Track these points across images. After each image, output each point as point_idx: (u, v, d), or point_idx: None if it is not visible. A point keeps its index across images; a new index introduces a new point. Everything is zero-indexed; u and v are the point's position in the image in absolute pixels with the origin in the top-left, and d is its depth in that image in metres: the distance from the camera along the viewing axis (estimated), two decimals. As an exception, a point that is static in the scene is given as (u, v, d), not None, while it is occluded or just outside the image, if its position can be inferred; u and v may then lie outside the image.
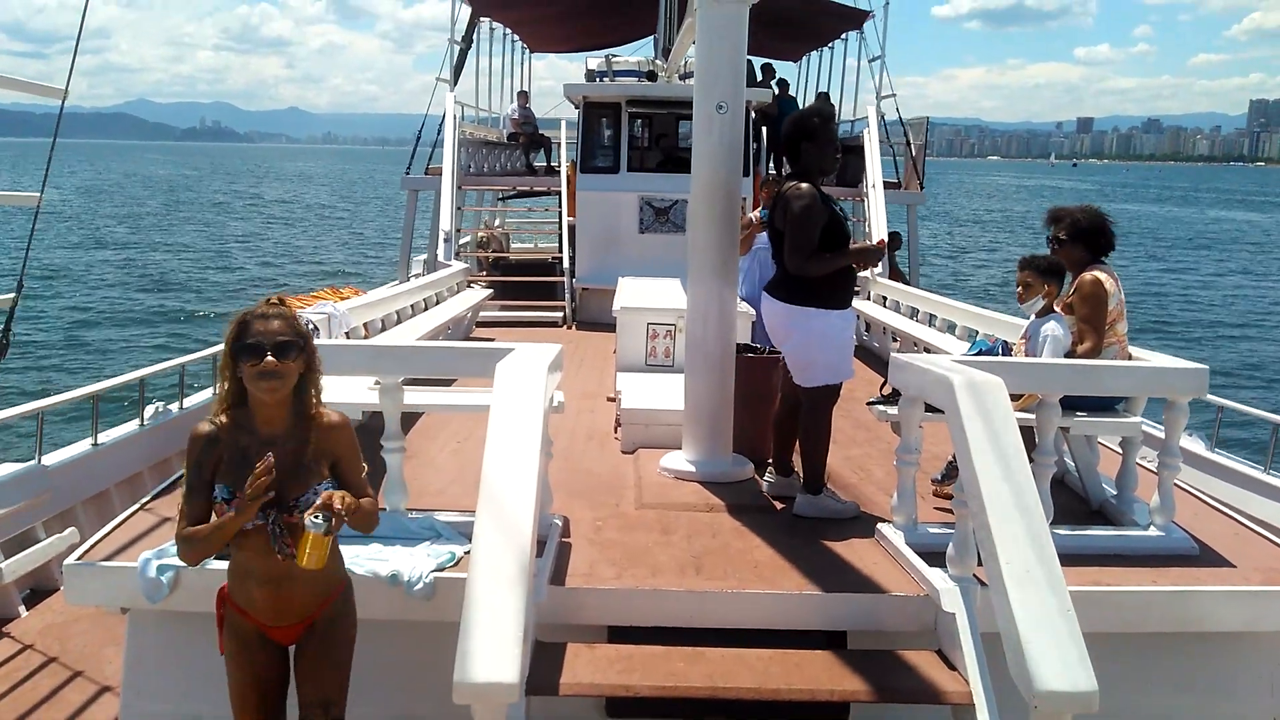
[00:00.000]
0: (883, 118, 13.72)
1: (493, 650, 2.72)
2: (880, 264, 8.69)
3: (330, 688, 2.90)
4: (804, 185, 4.61)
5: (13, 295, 4.71)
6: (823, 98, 15.49)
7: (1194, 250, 46.75)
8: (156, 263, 32.46)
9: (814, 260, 4.55)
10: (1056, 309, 4.78)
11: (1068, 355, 4.60)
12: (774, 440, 5.03)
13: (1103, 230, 4.84)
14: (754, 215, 7.66)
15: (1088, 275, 4.71)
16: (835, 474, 5.18)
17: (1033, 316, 4.82)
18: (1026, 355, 4.71)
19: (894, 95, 14.13)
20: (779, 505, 4.79)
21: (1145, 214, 70.50)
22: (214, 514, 2.73)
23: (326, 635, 2.88)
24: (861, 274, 4.93)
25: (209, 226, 46.36)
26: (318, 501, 2.62)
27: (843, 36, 15.94)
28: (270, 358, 2.68)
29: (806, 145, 4.68)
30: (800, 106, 15.41)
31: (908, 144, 14.23)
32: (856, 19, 14.82)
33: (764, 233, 5.22)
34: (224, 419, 2.79)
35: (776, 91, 14.49)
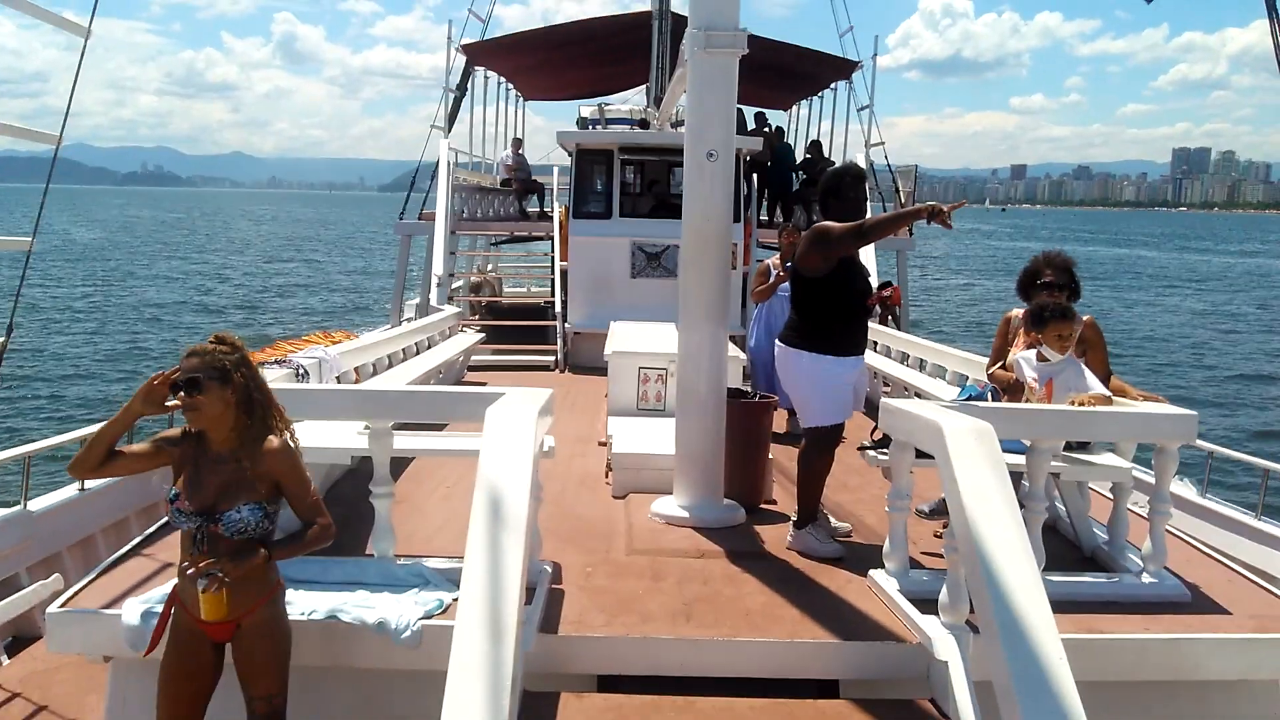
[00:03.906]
0: (871, 165, 13.92)
1: (479, 700, 2.68)
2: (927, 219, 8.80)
3: (268, 683, 3.11)
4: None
5: (2, 339, 4.70)
6: (815, 146, 15.71)
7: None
8: (148, 306, 32.45)
9: (868, 225, 4.62)
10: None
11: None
12: None
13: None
14: (773, 262, 7.71)
15: (1086, 318, 4.75)
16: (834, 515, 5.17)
17: (1035, 359, 4.66)
18: (1056, 399, 4.51)
19: (883, 143, 14.36)
20: (770, 551, 4.77)
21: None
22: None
23: (258, 636, 3.10)
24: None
25: (191, 273, 46.41)
26: (203, 564, 2.91)
27: (832, 86, 16.22)
28: (182, 393, 3.03)
29: (832, 201, 4.84)
30: (794, 153, 15.64)
31: (896, 191, 14.41)
32: (846, 69, 15.09)
33: (788, 282, 5.28)
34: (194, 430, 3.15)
35: (774, 138, 14.67)
